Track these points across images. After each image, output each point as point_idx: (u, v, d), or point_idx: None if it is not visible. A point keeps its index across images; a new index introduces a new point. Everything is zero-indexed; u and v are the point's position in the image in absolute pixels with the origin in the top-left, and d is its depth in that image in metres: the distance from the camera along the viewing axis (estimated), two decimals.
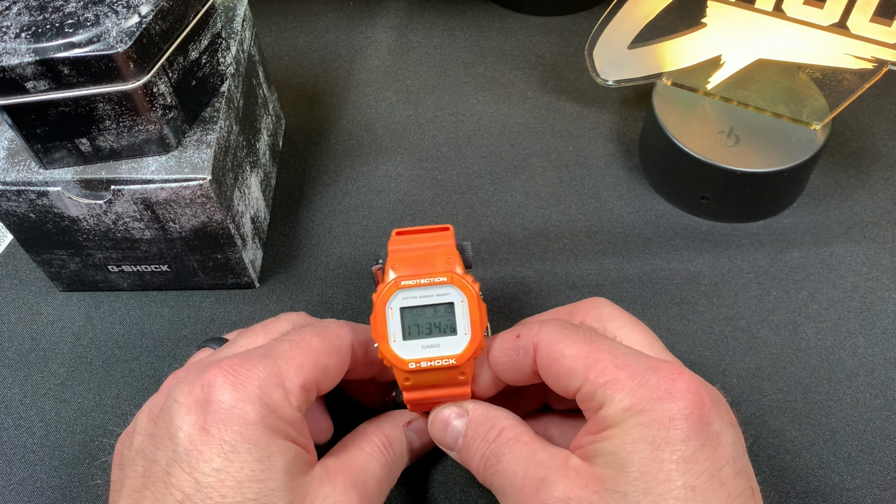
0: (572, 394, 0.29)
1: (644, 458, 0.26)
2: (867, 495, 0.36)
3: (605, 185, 0.49)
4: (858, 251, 0.45)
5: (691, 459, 0.26)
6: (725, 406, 0.28)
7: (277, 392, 0.28)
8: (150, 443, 0.28)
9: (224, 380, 0.27)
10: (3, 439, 0.39)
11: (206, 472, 0.26)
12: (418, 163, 0.50)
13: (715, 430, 0.27)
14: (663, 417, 0.26)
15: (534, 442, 0.30)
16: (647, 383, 0.27)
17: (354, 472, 0.30)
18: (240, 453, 0.26)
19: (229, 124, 0.39)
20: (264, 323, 0.34)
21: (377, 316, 0.31)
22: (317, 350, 0.30)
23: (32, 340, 0.42)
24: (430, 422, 0.33)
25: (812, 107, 0.45)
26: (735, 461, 0.27)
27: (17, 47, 0.32)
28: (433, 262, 0.31)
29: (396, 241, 0.32)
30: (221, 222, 0.39)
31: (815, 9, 0.40)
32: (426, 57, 0.57)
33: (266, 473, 0.26)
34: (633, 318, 0.32)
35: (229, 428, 0.27)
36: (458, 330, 0.31)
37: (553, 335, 0.30)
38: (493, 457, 0.30)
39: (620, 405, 0.27)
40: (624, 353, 0.29)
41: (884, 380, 0.40)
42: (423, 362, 0.30)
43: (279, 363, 0.29)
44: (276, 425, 0.28)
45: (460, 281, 0.31)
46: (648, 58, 0.47)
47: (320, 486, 0.28)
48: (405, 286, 0.31)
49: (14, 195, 0.37)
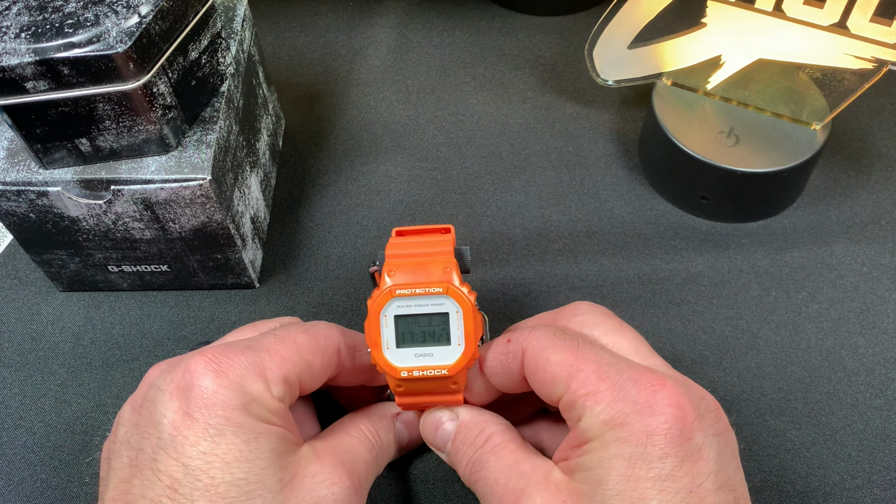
0: (556, 402, 0.29)
1: (620, 476, 0.26)
2: (867, 495, 0.36)
3: (605, 185, 0.49)
4: (858, 251, 0.45)
5: (668, 477, 0.25)
6: (712, 416, 0.28)
7: (258, 382, 0.28)
8: (134, 432, 0.28)
9: (206, 366, 0.28)
10: (3, 439, 0.39)
11: (193, 456, 0.26)
12: (418, 163, 0.50)
13: (696, 444, 0.26)
14: (641, 433, 0.26)
15: (519, 451, 0.29)
16: (626, 396, 0.27)
17: (342, 453, 0.30)
18: (226, 436, 0.26)
19: (229, 124, 0.39)
20: (254, 323, 0.34)
21: (371, 322, 0.31)
22: (302, 346, 0.30)
23: (32, 340, 0.42)
24: (422, 423, 0.33)
25: (812, 107, 0.45)
26: (717, 475, 0.26)
27: (17, 47, 0.32)
28: (430, 269, 0.31)
29: (395, 244, 0.32)
30: (221, 222, 0.39)
31: (815, 9, 0.40)
32: (426, 57, 0.57)
33: (254, 453, 0.27)
34: (618, 322, 0.32)
35: (213, 412, 0.27)
36: (452, 340, 0.30)
37: (541, 341, 0.30)
38: (478, 462, 0.30)
39: (599, 418, 0.27)
40: (608, 363, 0.28)
41: (884, 379, 0.40)
42: (416, 371, 0.30)
43: (262, 355, 0.29)
44: (258, 412, 0.28)
45: (456, 292, 0.30)
46: (648, 58, 0.47)
47: (308, 465, 0.28)
48: (400, 294, 0.30)
49: (14, 195, 0.37)
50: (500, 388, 0.32)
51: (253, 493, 0.26)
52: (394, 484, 0.37)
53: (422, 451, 0.38)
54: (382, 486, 0.37)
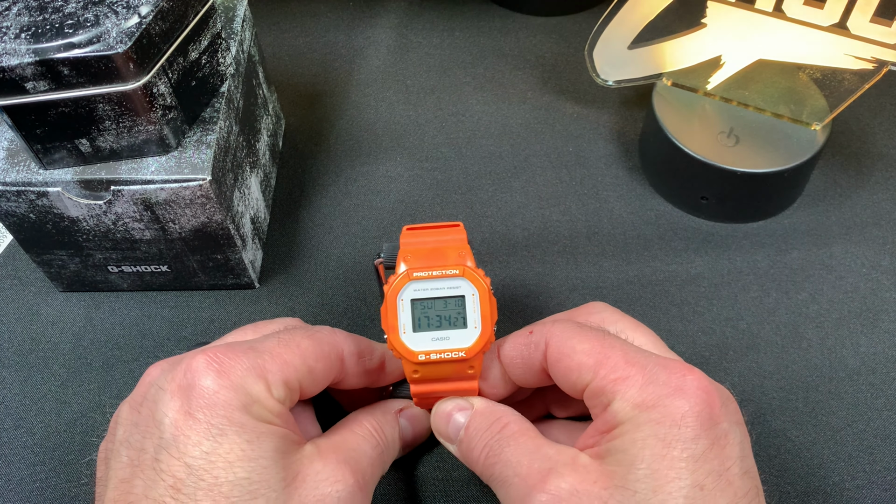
0: (580, 391, 0.29)
1: (654, 454, 0.26)
2: (867, 495, 0.36)
3: (605, 185, 0.49)
4: (858, 252, 0.45)
5: (701, 458, 0.26)
6: (734, 405, 0.28)
7: (259, 384, 0.28)
8: (134, 432, 0.28)
9: (207, 366, 0.27)
10: (3, 439, 0.39)
11: (195, 456, 0.26)
12: (418, 163, 0.50)
13: (723, 429, 0.27)
14: (674, 414, 0.26)
15: (539, 438, 0.29)
16: (657, 379, 0.27)
17: (346, 451, 0.30)
18: (228, 435, 0.26)
19: (229, 125, 0.39)
20: (255, 323, 0.33)
21: (388, 307, 0.31)
22: (305, 352, 0.30)
23: (32, 341, 0.42)
24: (433, 413, 0.33)
25: (812, 107, 0.45)
26: (742, 461, 0.27)
27: (17, 48, 0.32)
28: (445, 254, 0.31)
29: (408, 234, 0.33)
30: (221, 223, 0.39)
31: (815, 9, 0.40)
32: (426, 57, 0.57)
33: (256, 452, 0.27)
34: (635, 321, 0.32)
35: (214, 412, 0.27)
36: (469, 323, 0.31)
37: (566, 332, 0.30)
38: (496, 446, 0.29)
39: (631, 401, 0.27)
40: (634, 351, 0.29)
41: (885, 379, 0.40)
42: (433, 354, 0.31)
43: (264, 357, 0.29)
44: (260, 413, 0.28)
45: (472, 274, 0.31)
46: (648, 58, 0.47)
47: (312, 464, 0.28)
48: (417, 277, 0.31)
49: (14, 195, 0.37)
50: (516, 379, 0.32)
51: (256, 492, 0.26)
52: (394, 484, 0.37)
53: (421, 452, 0.38)
54: (381, 486, 0.37)
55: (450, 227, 0.33)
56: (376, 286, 0.36)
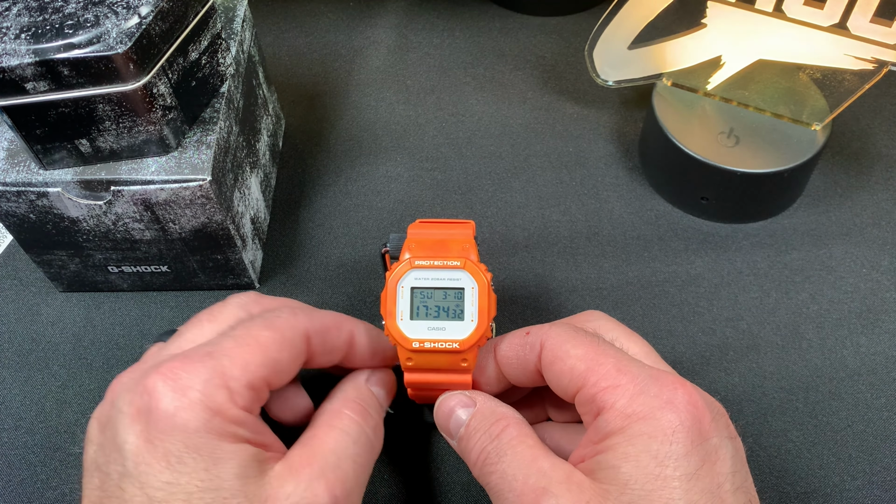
0: (571, 395, 0.29)
1: (647, 474, 0.26)
2: (867, 496, 0.36)
3: (605, 185, 0.49)
4: (858, 252, 0.45)
5: (693, 476, 0.26)
6: (725, 419, 0.28)
7: (220, 394, 0.27)
8: (101, 453, 0.27)
9: (164, 385, 0.27)
10: (3, 439, 0.39)
11: (156, 487, 0.25)
12: (418, 163, 0.50)
13: (714, 444, 0.27)
14: (665, 428, 0.26)
15: (537, 447, 0.29)
16: (647, 391, 0.27)
17: (322, 459, 0.28)
18: (186, 464, 0.26)
19: (229, 125, 0.39)
20: (210, 310, 0.32)
21: (388, 293, 0.31)
22: (265, 345, 0.29)
23: (32, 341, 0.42)
24: (437, 407, 0.33)
25: (812, 107, 0.45)
26: (734, 476, 0.27)
27: (17, 48, 0.32)
28: (449, 247, 0.32)
29: (418, 226, 0.33)
30: (221, 223, 0.39)
31: (815, 9, 0.40)
32: (426, 57, 0.57)
33: (216, 482, 0.26)
34: (630, 331, 0.32)
35: (172, 438, 0.26)
36: (466, 316, 0.31)
37: (561, 335, 0.30)
38: (493, 453, 0.29)
39: (621, 411, 0.27)
40: (627, 361, 0.29)
41: (886, 379, 0.40)
42: (427, 343, 0.31)
43: (223, 362, 0.27)
44: (223, 428, 0.27)
45: (473, 268, 0.31)
46: (648, 58, 0.47)
47: (282, 486, 0.27)
48: (419, 266, 0.31)
49: (14, 196, 0.37)
50: (511, 378, 0.33)
51: None
52: (394, 484, 0.37)
53: (420, 452, 0.38)
54: (382, 486, 0.37)
55: (459, 224, 0.33)
56: (382, 275, 0.36)
